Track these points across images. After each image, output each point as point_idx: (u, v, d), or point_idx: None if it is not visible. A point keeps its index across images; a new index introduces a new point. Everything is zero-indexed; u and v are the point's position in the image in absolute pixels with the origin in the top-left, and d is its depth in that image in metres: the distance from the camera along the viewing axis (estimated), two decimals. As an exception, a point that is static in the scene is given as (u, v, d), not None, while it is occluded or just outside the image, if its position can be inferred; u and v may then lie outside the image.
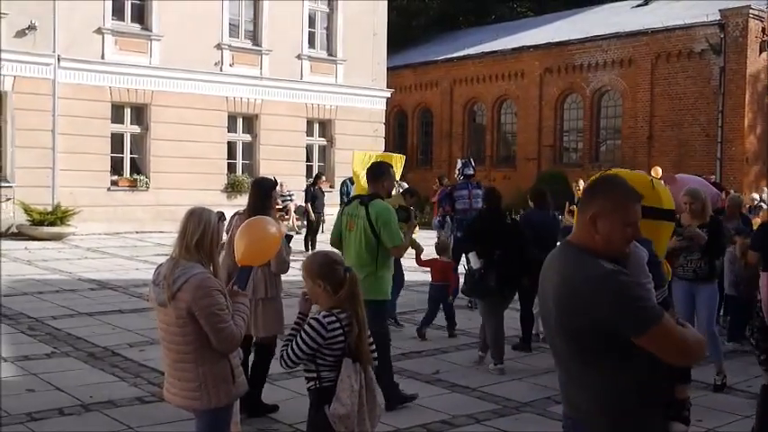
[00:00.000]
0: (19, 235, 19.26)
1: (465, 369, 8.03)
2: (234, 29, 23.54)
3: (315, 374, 3.97)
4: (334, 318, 3.92)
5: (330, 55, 25.62)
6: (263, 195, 6.44)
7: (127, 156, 21.90)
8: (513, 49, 31.95)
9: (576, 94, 30.32)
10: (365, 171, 7.37)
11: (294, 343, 3.90)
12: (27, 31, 19.62)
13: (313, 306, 4.12)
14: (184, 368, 3.98)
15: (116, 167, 21.66)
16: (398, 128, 36.91)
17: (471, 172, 14.35)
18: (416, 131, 36.61)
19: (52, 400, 6.62)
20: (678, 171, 18.75)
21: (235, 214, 6.52)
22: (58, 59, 20.10)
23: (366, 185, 7.29)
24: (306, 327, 3.91)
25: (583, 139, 30.30)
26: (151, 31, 21.78)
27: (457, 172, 14.58)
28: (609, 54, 28.75)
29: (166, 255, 4.25)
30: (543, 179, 28.65)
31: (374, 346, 4.21)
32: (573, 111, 30.71)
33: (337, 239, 6.86)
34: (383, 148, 26.69)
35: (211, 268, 4.00)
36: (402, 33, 37.05)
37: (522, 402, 6.94)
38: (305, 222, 18.62)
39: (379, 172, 6.88)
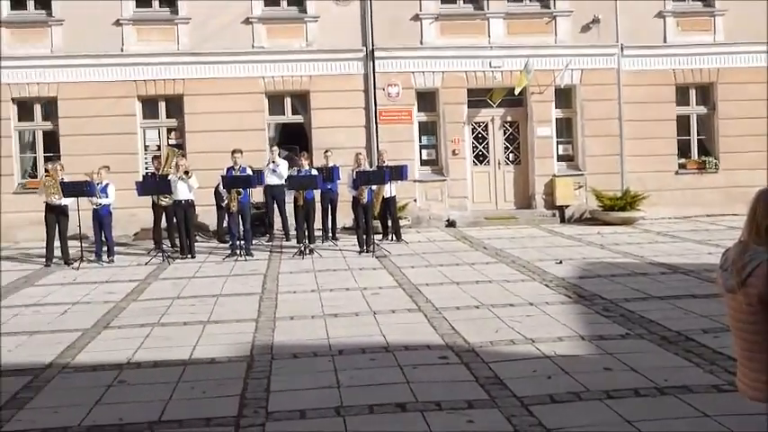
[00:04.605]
0: (591, 220, 20.32)
1: None
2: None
3: None
4: None
5: None
6: None
7: (693, 137, 21.49)
8: None
9: None
10: None
11: None
12: (591, 25, 20.55)
13: None
14: (752, 357, 3.73)
15: (683, 150, 21.42)
16: None
17: None
18: None
19: (627, 380, 6.78)
20: None
21: None
22: (622, 48, 20.63)
23: None
24: None
25: None
26: (714, 5, 21.06)
27: None
28: None
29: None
30: None
31: None
32: None
33: None
34: None
35: None
36: None
37: None
38: None
39: None
